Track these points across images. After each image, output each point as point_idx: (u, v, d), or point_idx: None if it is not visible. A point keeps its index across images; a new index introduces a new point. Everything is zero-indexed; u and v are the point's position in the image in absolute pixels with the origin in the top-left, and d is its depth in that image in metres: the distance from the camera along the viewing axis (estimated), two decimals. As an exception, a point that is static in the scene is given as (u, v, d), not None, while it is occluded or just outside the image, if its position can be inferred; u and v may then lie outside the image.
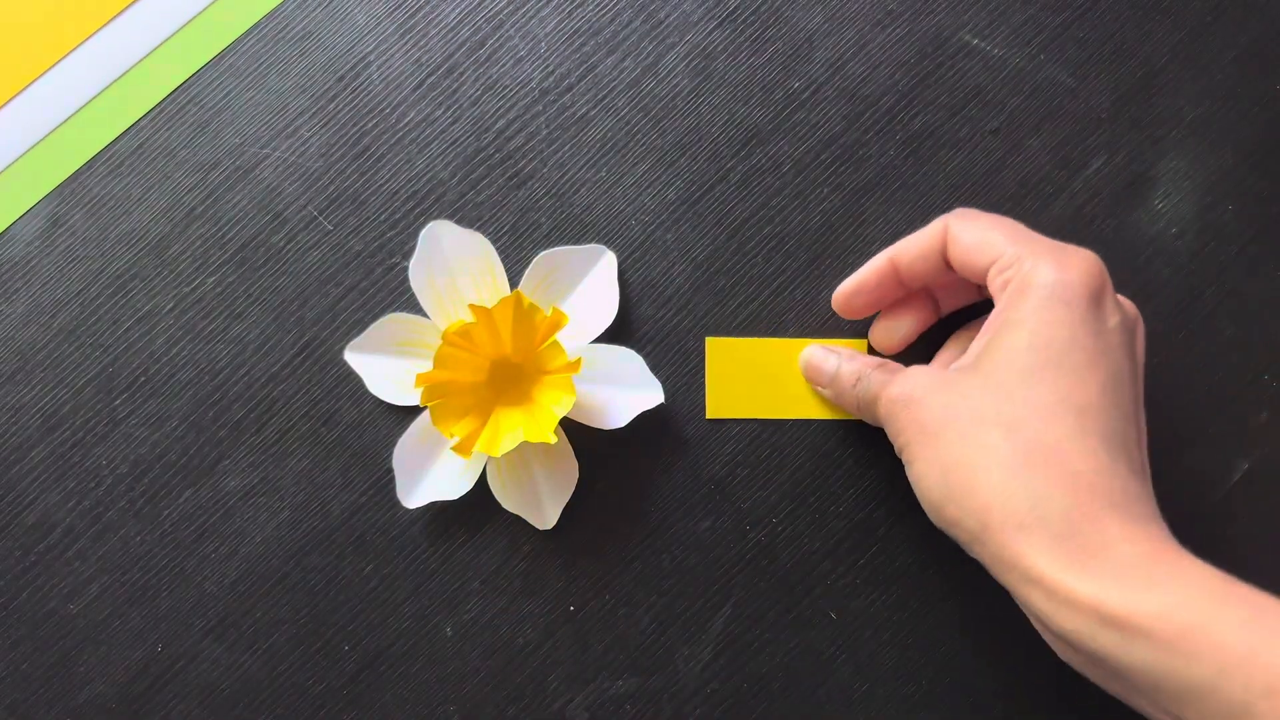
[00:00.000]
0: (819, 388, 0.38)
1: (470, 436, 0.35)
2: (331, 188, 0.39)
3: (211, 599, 0.39)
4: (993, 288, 0.33)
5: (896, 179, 0.39)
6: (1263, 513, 0.39)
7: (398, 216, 0.39)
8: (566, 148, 0.40)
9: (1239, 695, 0.24)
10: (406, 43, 0.40)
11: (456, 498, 0.38)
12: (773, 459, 0.39)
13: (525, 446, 0.38)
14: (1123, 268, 0.39)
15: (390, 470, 0.38)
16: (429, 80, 0.40)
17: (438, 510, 0.39)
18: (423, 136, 0.40)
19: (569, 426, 0.38)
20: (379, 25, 0.40)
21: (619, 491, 0.39)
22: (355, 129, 0.40)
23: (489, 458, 0.38)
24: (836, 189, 0.39)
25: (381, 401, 0.39)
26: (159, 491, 0.39)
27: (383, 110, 0.40)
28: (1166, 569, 0.27)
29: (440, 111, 0.40)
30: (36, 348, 0.39)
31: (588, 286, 0.38)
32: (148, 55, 0.40)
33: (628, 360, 0.38)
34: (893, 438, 0.33)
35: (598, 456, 0.39)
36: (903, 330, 0.38)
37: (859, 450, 0.39)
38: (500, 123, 0.40)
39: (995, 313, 0.32)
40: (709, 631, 0.39)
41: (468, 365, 0.36)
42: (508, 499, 0.38)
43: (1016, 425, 0.29)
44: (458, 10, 0.40)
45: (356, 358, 0.38)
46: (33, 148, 0.40)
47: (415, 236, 0.38)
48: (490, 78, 0.40)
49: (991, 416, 0.30)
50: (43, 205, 0.40)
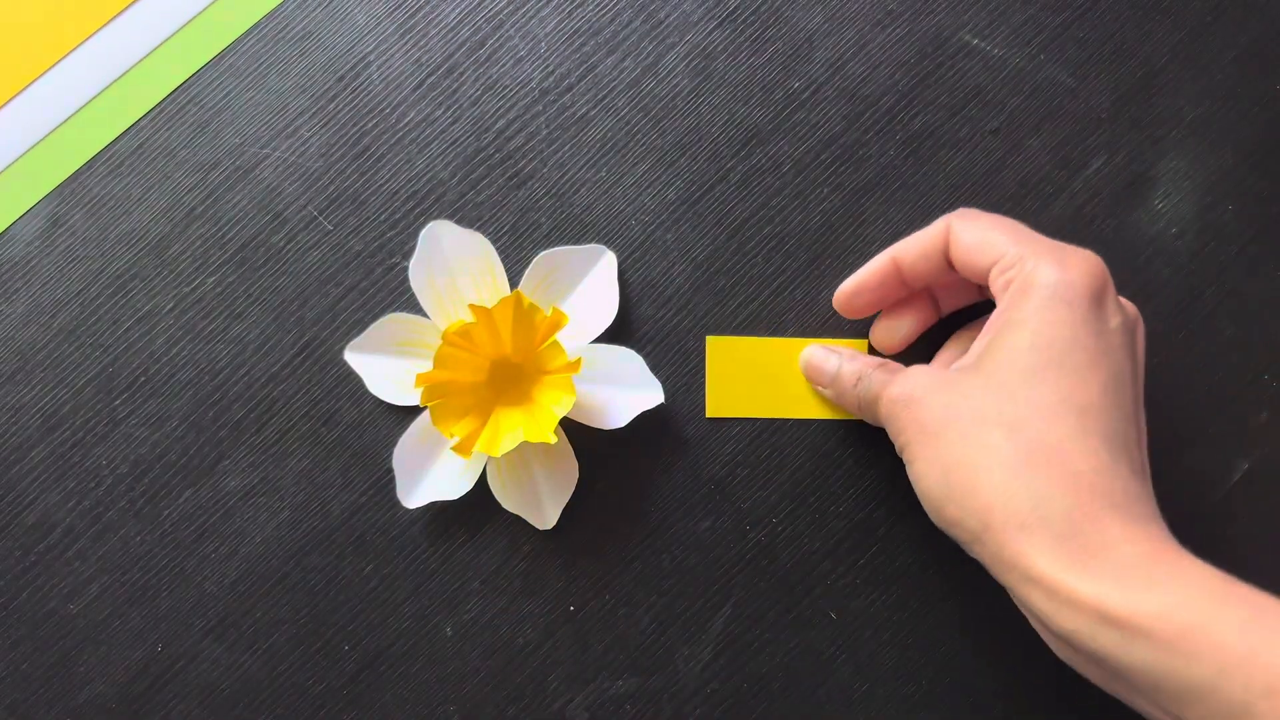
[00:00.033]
0: (819, 388, 0.38)
1: (470, 436, 0.35)
2: (331, 188, 0.39)
3: (211, 599, 0.39)
4: (994, 288, 0.33)
5: (896, 179, 0.39)
6: (1263, 513, 0.39)
7: (398, 216, 0.39)
8: (566, 148, 0.40)
9: (1239, 695, 0.24)
10: (406, 43, 0.40)
11: (456, 498, 0.38)
12: (773, 459, 0.39)
13: (525, 446, 0.38)
14: (1123, 268, 0.39)
15: (390, 470, 0.38)
16: (429, 80, 0.40)
17: (438, 510, 0.39)
18: (423, 136, 0.40)
19: (569, 426, 0.38)
20: (379, 25, 0.40)
21: (619, 491, 0.39)
22: (355, 129, 0.40)
23: (489, 458, 0.38)
24: (836, 189, 0.39)
25: (381, 401, 0.39)
26: (159, 491, 0.39)
27: (383, 110, 0.40)
28: (1167, 569, 0.27)
29: (440, 111, 0.40)
30: (36, 348, 0.39)
31: (588, 286, 0.38)
32: (148, 55, 0.40)
33: (628, 360, 0.38)
34: (893, 437, 0.33)
35: (598, 456, 0.39)
36: (904, 330, 0.38)
37: (859, 450, 0.39)
38: (500, 123, 0.40)
39: (997, 313, 0.32)
40: (709, 631, 0.39)
41: (468, 365, 0.36)
42: (508, 499, 0.38)
43: (1018, 425, 0.29)
44: (458, 10, 0.40)
45: (356, 358, 0.38)
46: (33, 148, 0.40)
47: (415, 236, 0.38)
48: (490, 78, 0.40)
49: (993, 416, 0.30)
50: (43, 205, 0.40)
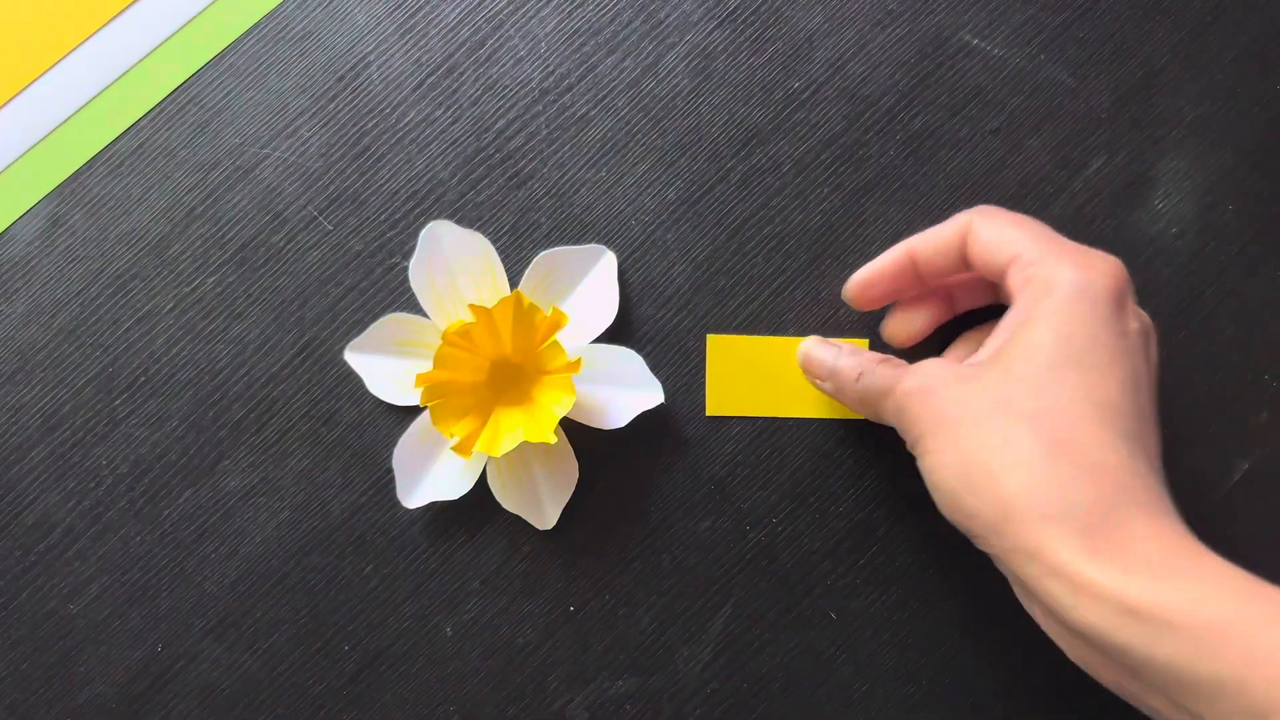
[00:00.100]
0: (817, 381, 0.37)
1: (470, 436, 0.35)
2: (331, 188, 0.39)
3: (211, 599, 0.39)
4: (1012, 285, 0.32)
5: (896, 179, 0.39)
6: (1263, 513, 0.39)
7: (398, 216, 0.39)
8: (566, 148, 0.40)
9: (1263, 690, 0.24)
10: (406, 43, 0.40)
11: (456, 498, 0.38)
12: (773, 459, 0.39)
13: (525, 446, 0.38)
14: (1123, 268, 0.39)
15: (390, 470, 0.38)
16: (429, 80, 0.40)
17: (438, 510, 0.39)
18: (423, 136, 0.40)
19: (569, 426, 0.38)
20: (379, 25, 0.40)
21: (619, 491, 0.39)
22: (355, 129, 0.40)
23: (489, 458, 0.38)
24: (836, 189, 0.39)
25: (381, 401, 0.39)
26: (159, 491, 0.39)
27: (383, 110, 0.40)
28: (1192, 564, 0.27)
29: (440, 111, 0.40)
30: (36, 348, 0.39)
31: (588, 286, 0.38)
32: (148, 55, 0.40)
33: (628, 360, 0.38)
34: (905, 429, 0.33)
35: (598, 456, 0.39)
36: (918, 323, 0.37)
37: (859, 450, 0.39)
38: (500, 123, 0.40)
39: (1014, 310, 0.32)
40: (709, 631, 0.39)
41: (468, 365, 0.36)
42: (508, 499, 0.38)
43: (1040, 417, 0.29)
44: (458, 10, 0.40)
45: (356, 358, 0.38)
46: (33, 148, 0.40)
47: (415, 236, 0.38)
48: (490, 78, 0.40)
49: (1014, 408, 0.30)
50: (43, 205, 0.40)
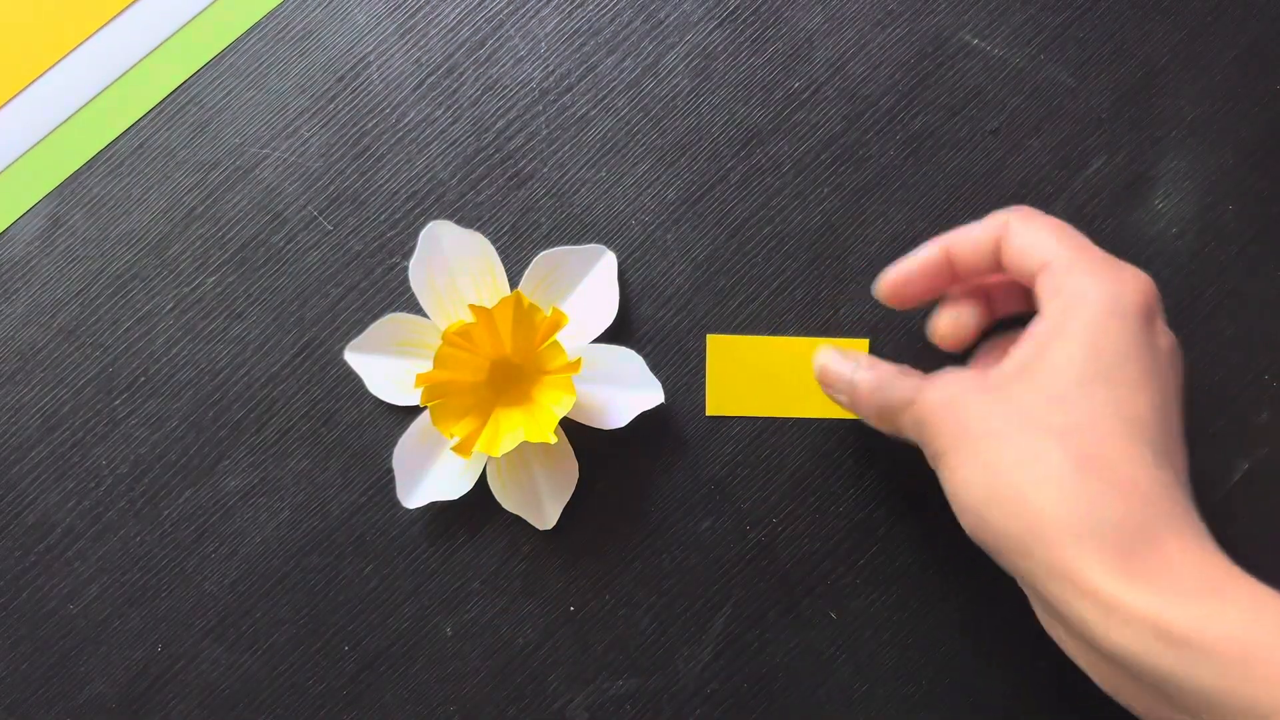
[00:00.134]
0: (833, 394, 0.36)
1: (470, 436, 0.35)
2: (331, 188, 0.39)
3: (211, 599, 0.39)
4: (1042, 293, 0.31)
5: (896, 179, 0.39)
6: (1263, 513, 0.39)
7: (398, 216, 0.39)
8: (566, 148, 0.40)
9: None
10: (406, 43, 0.40)
11: (456, 498, 0.38)
12: (773, 459, 0.39)
13: (525, 446, 0.38)
14: (1123, 268, 0.39)
15: (390, 470, 0.38)
16: (429, 80, 0.40)
17: (438, 510, 0.39)
18: (423, 136, 0.40)
19: (569, 426, 0.38)
20: (379, 25, 0.40)
21: (619, 491, 0.39)
22: (355, 129, 0.40)
23: (489, 458, 0.38)
24: (836, 189, 0.39)
25: (381, 401, 0.39)
26: (159, 491, 0.39)
27: (383, 110, 0.40)
28: (1227, 585, 0.26)
29: (440, 111, 0.40)
30: (36, 348, 0.39)
31: (588, 286, 0.38)
32: (148, 55, 0.40)
33: (628, 360, 0.38)
34: (926, 443, 0.32)
35: (598, 456, 0.39)
36: (969, 321, 0.35)
37: (859, 450, 0.39)
38: (500, 123, 0.40)
39: (1041, 320, 0.31)
40: (709, 631, 0.39)
41: (468, 365, 0.36)
42: (508, 499, 0.38)
43: (1070, 432, 0.28)
44: (458, 10, 0.40)
45: (356, 358, 0.38)
46: (33, 148, 0.40)
47: (415, 236, 0.38)
48: (490, 78, 0.40)
49: (1043, 423, 0.29)
50: (43, 205, 0.40)
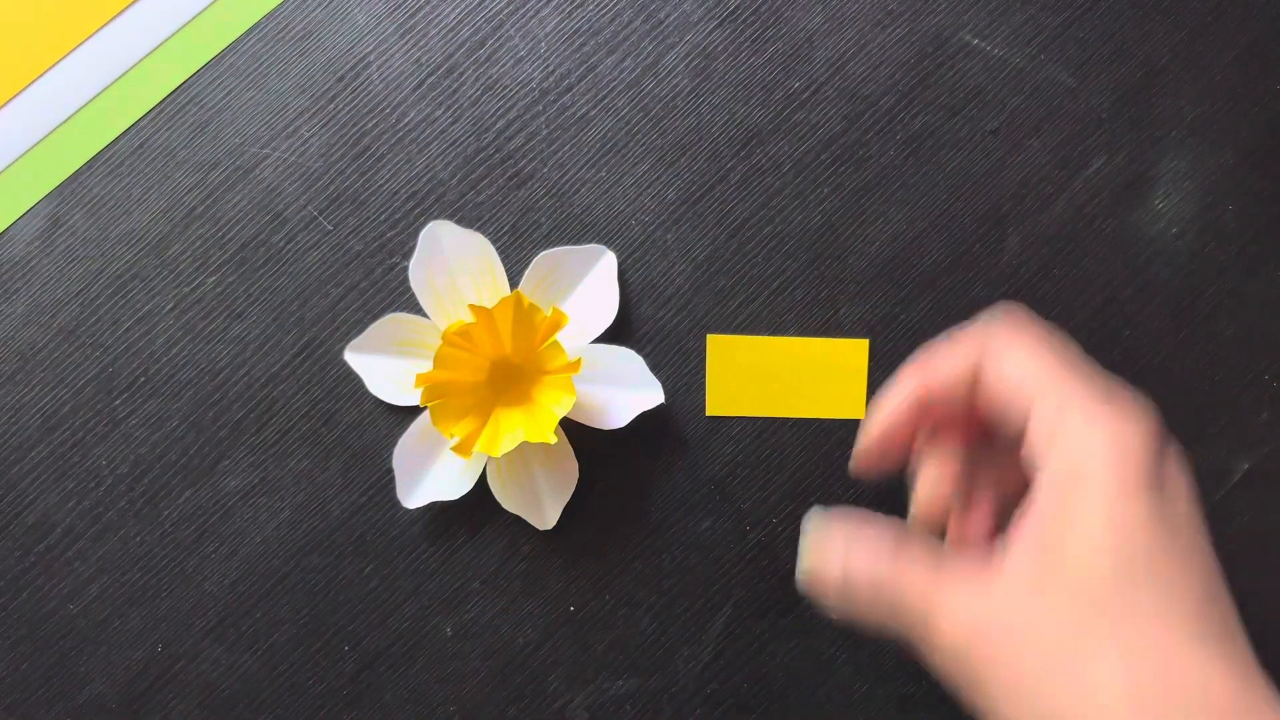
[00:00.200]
0: (825, 600, 0.31)
1: (470, 436, 0.35)
2: (331, 188, 0.39)
3: (211, 599, 0.39)
4: (1035, 439, 0.28)
5: (896, 179, 0.39)
6: (1263, 513, 0.39)
7: (398, 216, 0.39)
8: (566, 148, 0.40)
9: None
10: (406, 43, 0.40)
11: (456, 498, 0.38)
12: (773, 459, 0.39)
13: (525, 446, 0.38)
14: (1123, 268, 0.39)
15: (390, 470, 0.38)
16: (429, 80, 0.40)
17: (438, 510, 0.39)
18: (423, 136, 0.40)
19: (569, 426, 0.38)
20: (379, 25, 0.40)
21: (619, 491, 0.39)
22: (355, 129, 0.40)
23: (489, 458, 0.38)
24: (836, 189, 0.39)
25: (381, 401, 0.39)
26: (159, 491, 0.39)
27: (383, 110, 0.40)
28: None
29: (440, 111, 0.40)
30: (36, 348, 0.39)
31: (588, 286, 0.38)
32: (148, 55, 0.40)
33: (628, 360, 0.38)
34: (958, 682, 0.27)
35: (598, 456, 0.39)
36: (950, 479, 0.31)
37: (859, 450, 0.39)
38: (500, 123, 0.40)
39: (1042, 497, 0.27)
40: (709, 631, 0.39)
41: (468, 365, 0.36)
42: (508, 499, 0.38)
43: (1123, 653, 0.25)
44: (458, 10, 0.40)
45: (356, 358, 0.38)
46: (33, 148, 0.40)
47: (415, 236, 0.38)
48: (490, 78, 0.40)
49: (1090, 646, 0.25)
50: (43, 205, 0.40)
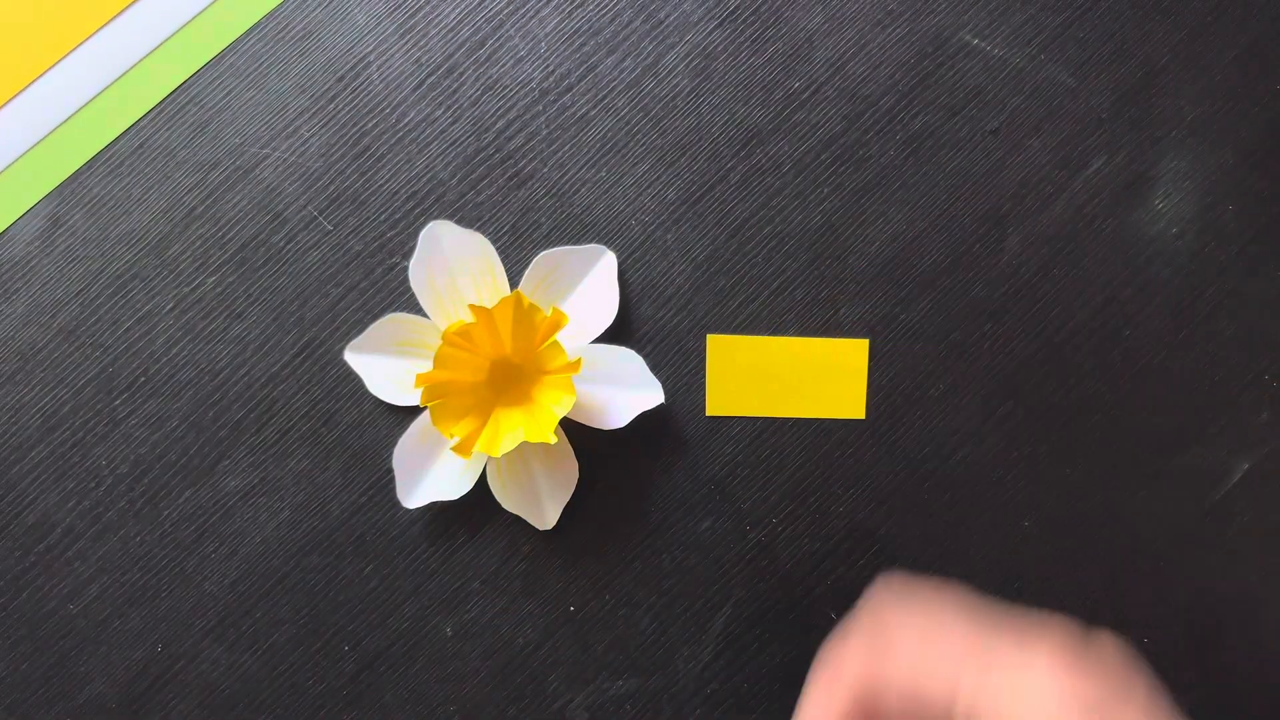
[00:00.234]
0: None
1: (470, 436, 0.35)
2: (331, 188, 0.39)
3: (211, 599, 0.39)
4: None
5: (896, 179, 0.39)
6: (1263, 513, 0.39)
7: (398, 216, 0.39)
8: (566, 148, 0.40)
9: None
10: (406, 43, 0.40)
11: (456, 498, 0.38)
12: (773, 459, 0.39)
13: (525, 446, 0.38)
14: (1123, 268, 0.39)
15: (390, 470, 0.38)
16: (429, 80, 0.40)
17: (438, 510, 0.39)
18: (423, 136, 0.40)
19: (569, 426, 0.38)
20: (379, 25, 0.40)
21: (619, 491, 0.39)
22: (355, 129, 0.40)
23: (489, 458, 0.38)
24: (836, 189, 0.39)
25: (381, 401, 0.39)
26: (159, 491, 0.39)
27: (383, 110, 0.40)
28: None
29: (440, 111, 0.40)
30: (36, 348, 0.39)
31: (588, 286, 0.38)
32: (148, 55, 0.40)
33: (628, 360, 0.38)
34: None
35: (598, 456, 0.39)
36: None
37: (859, 450, 0.39)
38: (500, 123, 0.40)
39: None
40: (709, 631, 0.39)
41: (468, 365, 0.36)
42: (508, 499, 0.38)
43: None
44: (458, 10, 0.40)
45: (356, 358, 0.38)
46: (33, 148, 0.40)
47: (415, 236, 0.38)
48: (490, 78, 0.40)
49: None
50: (43, 205, 0.40)
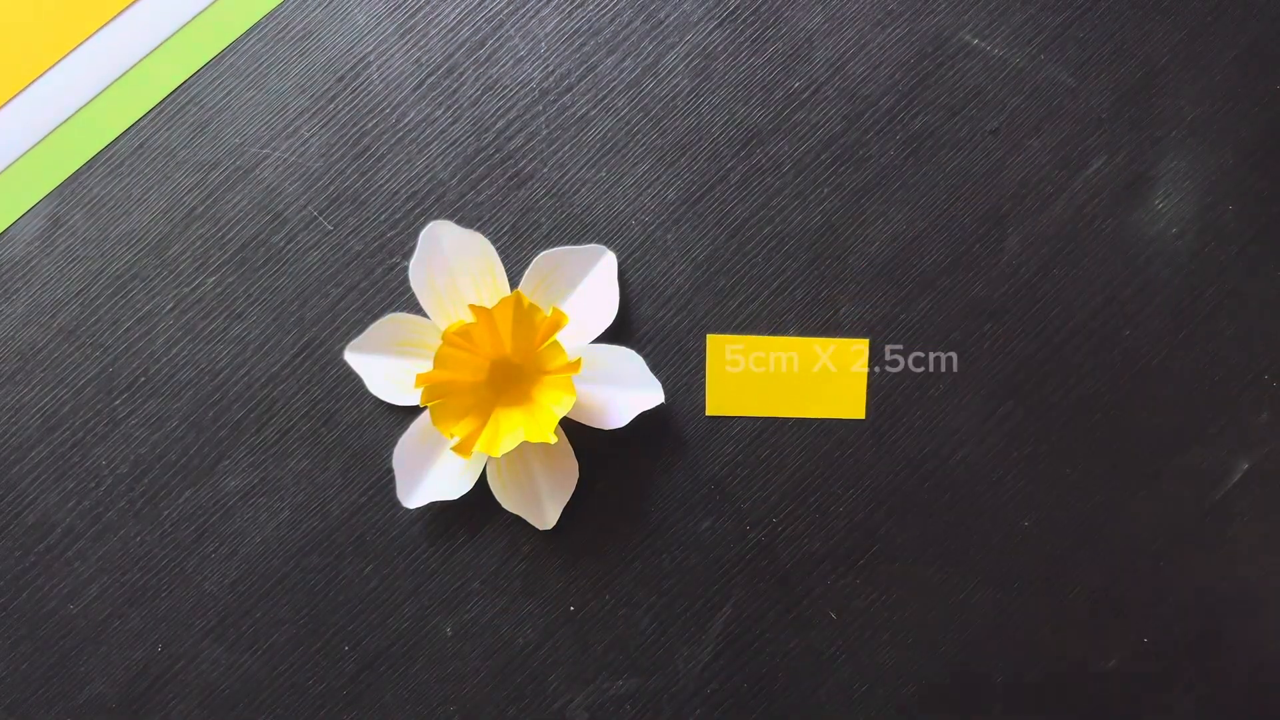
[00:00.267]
0: None
1: (470, 436, 0.35)
2: (331, 188, 0.39)
3: (211, 599, 0.39)
4: None
5: (896, 179, 0.39)
6: (1263, 513, 0.39)
7: (398, 216, 0.39)
8: (566, 148, 0.40)
9: None
10: (406, 43, 0.40)
11: (456, 498, 0.38)
12: (773, 459, 0.39)
13: (525, 446, 0.38)
14: (1123, 268, 0.39)
15: (390, 470, 0.38)
16: (429, 80, 0.40)
17: (438, 510, 0.39)
18: (423, 136, 0.40)
19: (569, 426, 0.38)
20: (379, 25, 0.40)
21: (619, 491, 0.39)
22: (355, 129, 0.40)
23: (489, 458, 0.38)
24: (836, 189, 0.39)
25: (381, 401, 0.39)
26: (159, 491, 0.39)
27: (383, 110, 0.40)
28: None
29: (440, 111, 0.40)
30: (36, 348, 0.39)
31: (588, 286, 0.38)
32: (148, 55, 0.40)
33: (628, 360, 0.38)
34: None
35: (598, 456, 0.39)
36: None
37: (859, 450, 0.39)
38: (500, 123, 0.40)
39: None
40: (709, 631, 0.39)
41: (468, 365, 0.36)
42: (508, 499, 0.38)
43: None
44: (458, 10, 0.40)
45: (356, 358, 0.38)
46: (33, 148, 0.40)
47: (415, 236, 0.38)
48: (490, 78, 0.40)
49: None
50: (43, 205, 0.40)
